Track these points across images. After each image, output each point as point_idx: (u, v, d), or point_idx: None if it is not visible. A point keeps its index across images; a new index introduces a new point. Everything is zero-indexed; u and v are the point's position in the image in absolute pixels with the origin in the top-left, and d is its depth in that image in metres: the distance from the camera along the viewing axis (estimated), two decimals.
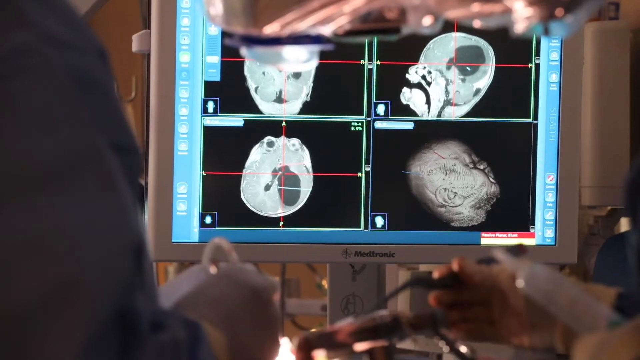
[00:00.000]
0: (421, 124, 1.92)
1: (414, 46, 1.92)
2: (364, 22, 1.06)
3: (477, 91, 1.93)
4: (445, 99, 1.93)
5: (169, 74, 1.86)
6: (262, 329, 1.19)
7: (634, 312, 1.21)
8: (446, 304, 1.47)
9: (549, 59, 1.94)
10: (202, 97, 1.88)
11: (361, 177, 1.91)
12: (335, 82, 1.91)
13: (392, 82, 1.92)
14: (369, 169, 1.91)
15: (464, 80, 1.93)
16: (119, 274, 0.93)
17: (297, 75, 1.89)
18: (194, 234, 1.88)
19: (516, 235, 1.95)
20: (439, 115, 1.93)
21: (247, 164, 1.89)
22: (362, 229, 1.92)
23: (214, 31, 1.88)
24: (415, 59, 1.92)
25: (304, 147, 1.91)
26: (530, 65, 1.94)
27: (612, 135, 2.04)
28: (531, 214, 1.95)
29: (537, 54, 1.94)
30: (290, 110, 1.90)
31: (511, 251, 1.46)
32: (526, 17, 1.00)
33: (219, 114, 1.88)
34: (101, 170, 0.95)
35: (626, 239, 1.18)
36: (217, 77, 1.88)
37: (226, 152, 1.89)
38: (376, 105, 1.91)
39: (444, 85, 1.93)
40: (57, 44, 0.96)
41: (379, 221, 1.93)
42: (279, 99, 1.90)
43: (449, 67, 1.93)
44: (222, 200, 1.89)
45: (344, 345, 1.37)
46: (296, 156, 1.90)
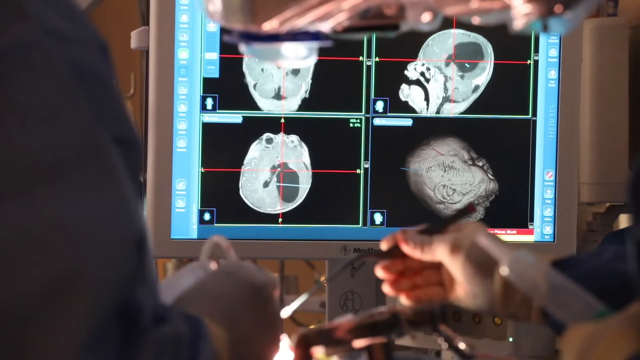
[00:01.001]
0: (420, 121, 1.92)
1: (413, 43, 1.92)
2: (363, 19, 1.06)
3: (476, 88, 1.93)
4: (444, 95, 1.92)
5: (168, 71, 1.86)
6: (263, 326, 1.19)
7: (573, 272, 1.21)
8: (395, 272, 1.49)
9: (547, 55, 1.93)
10: (201, 94, 1.87)
11: (360, 174, 1.91)
12: (333, 78, 1.90)
13: (390, 79, 1.91)
14: (367, 165, 1.91)
15: (462, 76, 1.92)
16: (120, 267, 0.92)
17: (295, 71, 1.89)
18: (192, 230, 1.88)
19: (515, 232, 1.94)
20: (438, 112, 1.92)
21: (245, 161, 1.89)
22: (361, 225, 1.91)
23: (213, 28, 1.88)
24: (414, 56, 1.91)
25: (303, 144, 1.90)
26: (529, 61, 1.93)
27: (610, 131, 2.04)
28: (530, 211, 1.94)
29: (536, 51, 1.93)
30: (289, 106, 1.90)
31: (460, 213, 1.46)
32: (525, 14, 1.00)
33: (217, 111, 1.88)
34: (102, 163, 0.94)
35: (626, 234, 1.18)
36: (216, 74, 1.88)
37: (225, 149, 1.88)
38: (375, 102, 1.91)
39: (442, 81, 1.92)
40: (58, 37, 0.96)
41: (378, 218, 1.92)
42: (278, 96, 1.89)
43: (447, 64, 1.92)
44: (221, 197, 1.89)
45: (343, 341, 1.37)
46: (295, 153, 1.90)
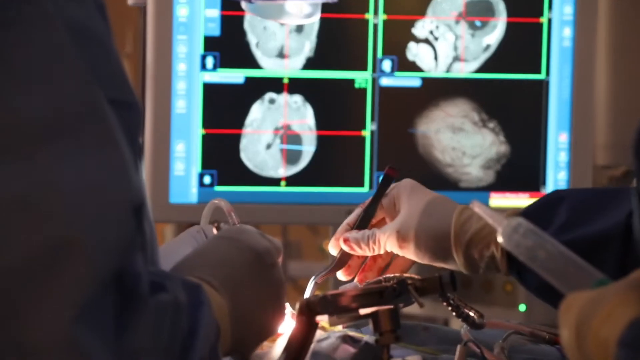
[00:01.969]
0: (428, 81, 1.90)
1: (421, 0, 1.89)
2: None
3: (487, 47, 1.91)
4: (453, 54, 1.91)
5: (166, 28, 1.84)
6: (266, 294, 1.16)
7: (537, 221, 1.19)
8: (356, 270, 1.45)
9: (562, 13, 1.91)
10: (201, 53, 1.85)
11: (366, 136, 1.89)
12: (339, 37, 1.89)
13: (398, 37, 1.90)
14: (374, 127, 1.89)
15: (473, 35, 1.91)
16: (118, 232, 0.91)
17: (299, 29, 1.87)
18: (192, 194, 1.86)
19: (527, 195, 1.93)
20: (447, 71, 1.91)
21: (247, 122, 1.87)
22: (366, 189, 1.88)
23: None
24: (422, 13, 1.90)
25: (307, 105, 1.88)
26: (542, 19, 1.91)
27: (628, 92, 2.05)
28: (542, 174, 1.92)
29: (550, 8, 1.91)
30: (292, 66, 1.87)
31: (383, 183, 1.42)
32: None
33: (218, 70, 1.86)
34: (100, 125, 0.93)
35: (632, 193, 1.13)
36: (217, 32, 1.86)
37: (226, 110, 1.86)
38: (382, 61, 1.90)
39: (452, 40, 1.90)
40: None
41: None
42: (281, 55, 1.87)
43: (457, 22, 1.90)
44: (222, 159, 1.87)
45: (348, 309, 1.34)
46: (298, 114, 1.88)
